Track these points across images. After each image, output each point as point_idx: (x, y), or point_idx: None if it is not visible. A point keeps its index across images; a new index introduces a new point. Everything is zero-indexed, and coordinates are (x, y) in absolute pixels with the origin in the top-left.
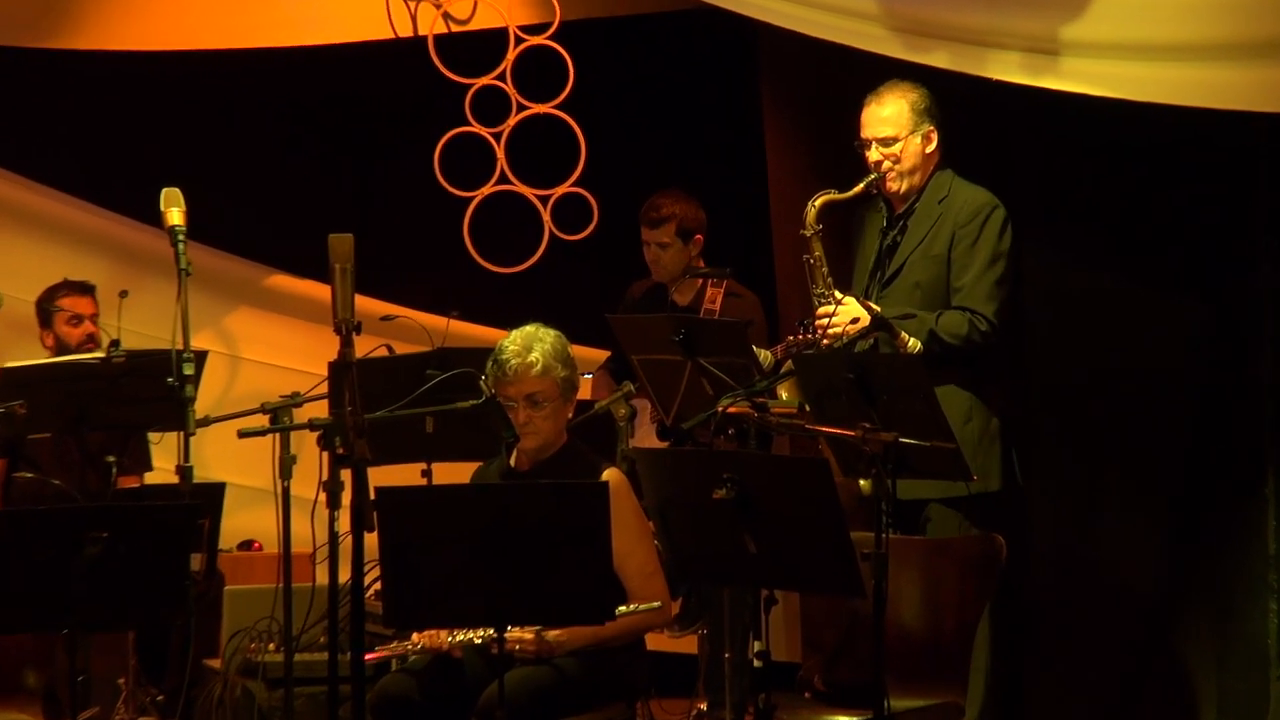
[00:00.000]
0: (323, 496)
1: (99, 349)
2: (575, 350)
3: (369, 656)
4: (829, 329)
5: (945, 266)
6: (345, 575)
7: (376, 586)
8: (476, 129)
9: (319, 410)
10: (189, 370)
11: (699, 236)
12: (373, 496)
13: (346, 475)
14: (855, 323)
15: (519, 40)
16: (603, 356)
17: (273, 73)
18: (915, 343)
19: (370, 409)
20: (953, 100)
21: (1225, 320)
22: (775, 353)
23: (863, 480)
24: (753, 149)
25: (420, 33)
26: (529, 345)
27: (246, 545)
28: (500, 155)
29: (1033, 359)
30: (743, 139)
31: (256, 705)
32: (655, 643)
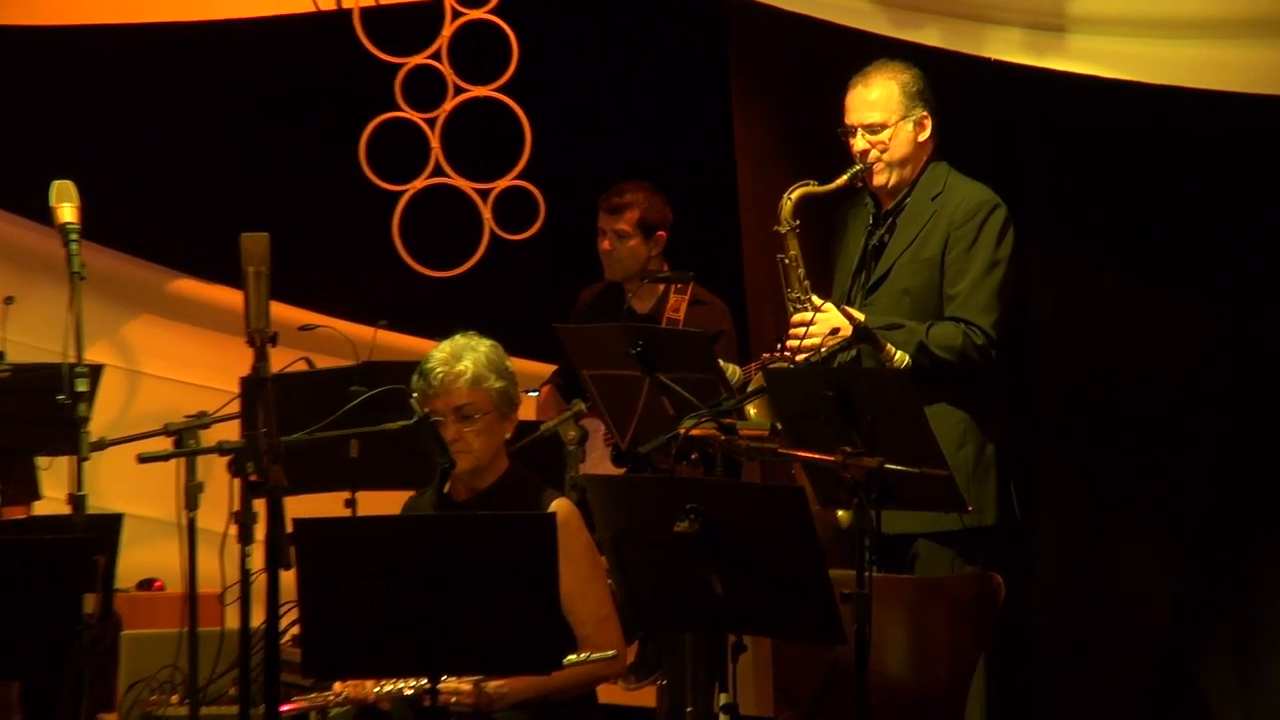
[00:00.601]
0: (233, 529)
1: None
2: (519, 364)
3: (285, 709)
4: (805, 339)
5: (938, 271)
6: (258, 618)
7: (294, 631)
8: (408, 114)
9: (229, 432)
10: (82, 387)
11: (662, 234)
12: (290, 529)
13: (260, 505)
14: (835, 333)
15: (456, 14)
16: (549, 371)
17: (178, 51)
18: (903, 356)
19: (287, 431)
20: (947, 84)
21: (1253, 334)
22: (747, 371)
23: (842, 511)
24: (721, 139)
25: (344, 5)
26: (458, 354)
27: (147, 584)
28: (435, 144)
29: (1036, 376)
30: (709, 127)
31: None
32: (608, 695)
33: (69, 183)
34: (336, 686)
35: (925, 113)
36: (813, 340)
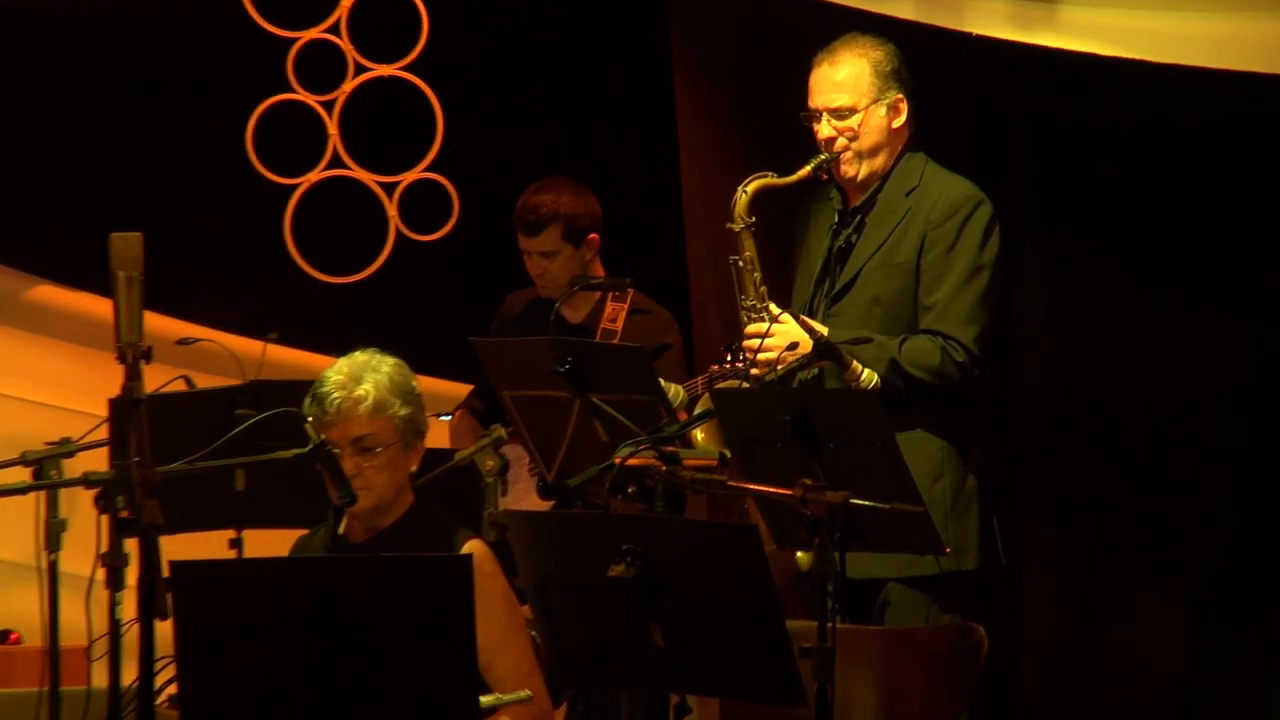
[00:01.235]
0: (101, 573)
1: None
2: (428, 384)
3: None
4: (760, 353)
5: (913, 277)
6: (130, 675)
7: (171, 690)
8: (302, 96)
9: (97, 462)
10: None
11: (593, 236)
12: (166, 573)
13: (132, 546)
14: (794, 348)
15: None
16: (464, 392)
17: (41, 27)
18: (871, 375)
19: (164, 460)
20: (924, 63)
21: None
22: (691, 389)
23: (802, 553)
24: (662, 125)
25: None
26: (357, 375)
27: (3, 637)
28: (333, 130)
29: (1025, 399)
30: (649, 112)
31: None
32: None
33: None
34: None
35: (900, 95)
36: (768, 355)
